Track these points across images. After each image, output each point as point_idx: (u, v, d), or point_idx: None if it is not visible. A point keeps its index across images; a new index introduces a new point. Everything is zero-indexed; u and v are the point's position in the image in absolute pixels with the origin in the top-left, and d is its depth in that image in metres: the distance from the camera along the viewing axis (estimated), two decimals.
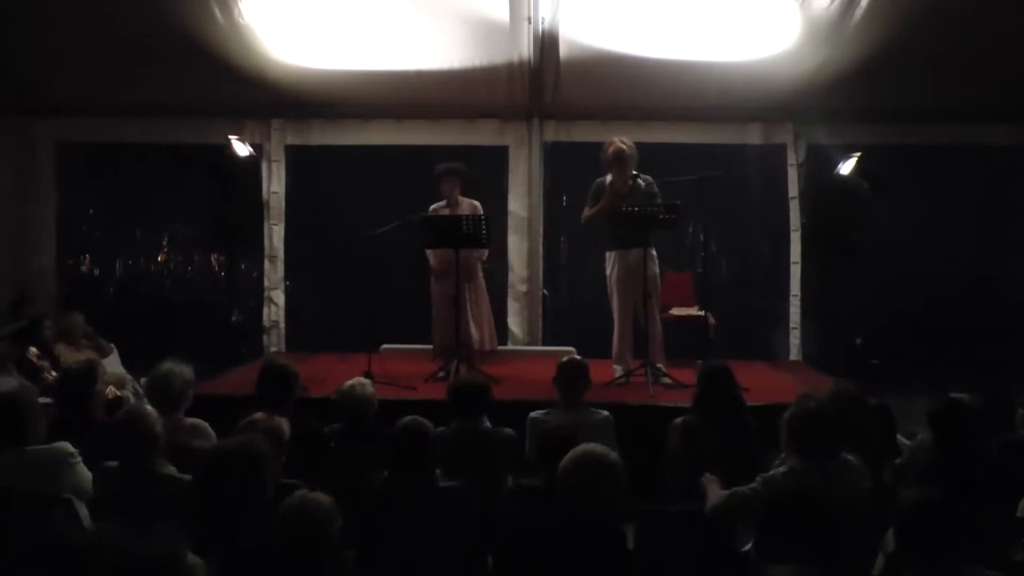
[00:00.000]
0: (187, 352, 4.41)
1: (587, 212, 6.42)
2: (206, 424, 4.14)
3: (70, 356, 6.08)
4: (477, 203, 6.67)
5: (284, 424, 3.63)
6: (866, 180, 7.65)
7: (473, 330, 6.70)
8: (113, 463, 3.50)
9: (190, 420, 4.16)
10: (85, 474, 3.57)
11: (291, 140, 8.23)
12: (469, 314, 6.65)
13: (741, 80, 7.30)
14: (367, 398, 4.38)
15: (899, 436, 4.16)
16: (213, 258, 8.48)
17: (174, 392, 4.13)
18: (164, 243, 8.51)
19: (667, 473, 4.15)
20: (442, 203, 6.64)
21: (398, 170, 8.07)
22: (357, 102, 7.87)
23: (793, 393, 4.17)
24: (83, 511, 3.33)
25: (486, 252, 6.83)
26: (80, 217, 8.44)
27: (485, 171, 8.06)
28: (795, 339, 7.99)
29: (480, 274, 6.86)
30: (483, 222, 6.10)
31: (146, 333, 7.48)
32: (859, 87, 7.13)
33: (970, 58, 6.82)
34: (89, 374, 4.25)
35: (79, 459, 3.59)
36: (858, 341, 7.81)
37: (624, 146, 6.28)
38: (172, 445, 3.61)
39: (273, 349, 8.12)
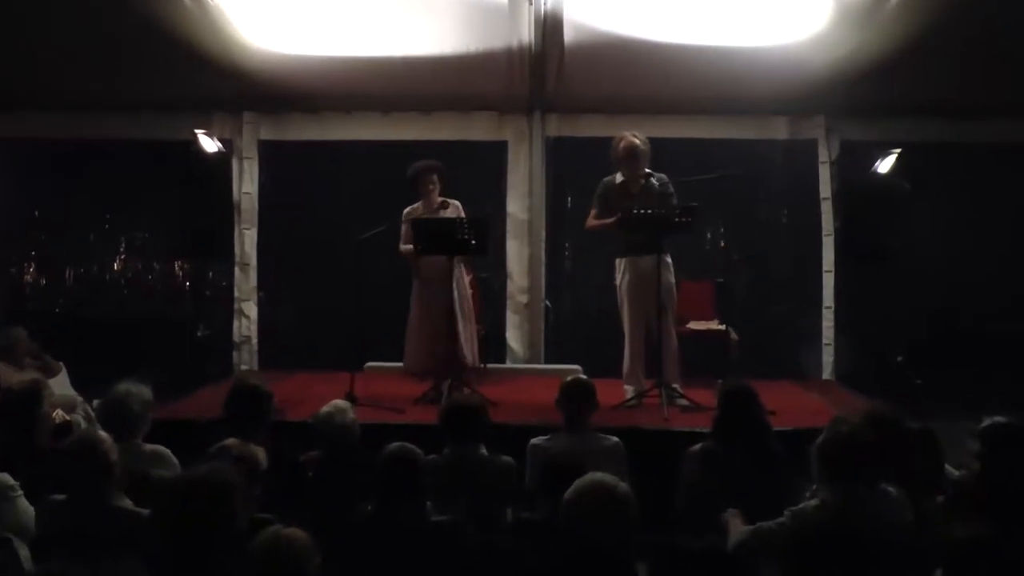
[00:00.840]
0: (146, 371, 4.41)
1: (592, 219, 6.43)
2: (167, 451, 4.12)
3: (12, 376, 6.03)
4: (458, 203, 6.67)
5: (259, 452, 3.61)
6: (906, 180, 7.65)
7: (464, 346, 6.66)
8: (60, 496, 3.47)
9: (149, 447, 4.14)
10: (27, 509, 3.54)
11: (265, 135, 8.24)
12: (460, 327, 6.61)
13: (766, 68, 7.31)
14: (349, 423, 4.37)
15: (946, 465, 4.13)
16: (177, 266, 8.48)
17: (131, 415, 4.11)
18: (121, 249, 8.51)
19: (684, 506, 4.13)
20: (416, 206, 6.64)
21: (385, 168, 8.03)
22: (339, 93, 7.89)
23: (825, 416, 4.17)
24: (24, 551, 3.30)
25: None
26: (24, 220, 8.44)
27: (481, 170, 8.09)
28: (827, 356, 7.98)
29: (466, 280, 6.85)
30: (480, 226, 6.10)
31: (100, 350, 7.43)
32: (898, 76, 7.13)
33: (1022, 47, 6.83)
34: (33, 396, 4.22)
35: (20, 492, 3.57)
36: (899, 358, 7.80)
37: (637, 141, 6.28)
38: (129, 475, 3.59)
39: (244, 367, 8.12)
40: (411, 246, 6.41)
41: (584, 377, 4.87)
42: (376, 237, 6.33)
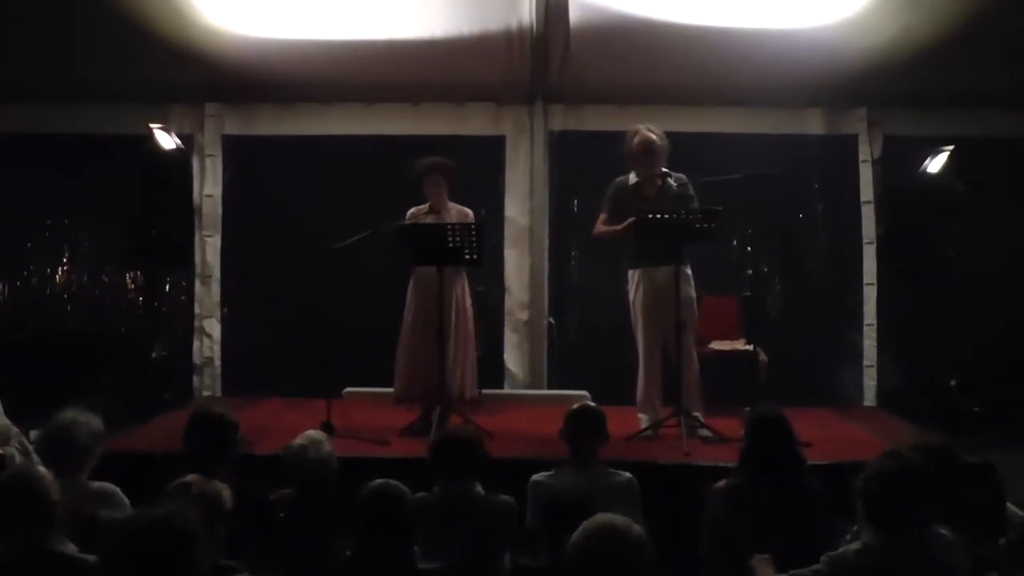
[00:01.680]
0: (94, 398, 4.38)
1: (601, 224, 6.43)
2: (117, 489, 4.10)
3: None
4: (469, 211, 6.65)
5: (222, 490, 3.60)
6: (959, 180, 7.66)
7: (461, 371, 6.63)
8: None
9: (97, 484, 4.11)
10: None
11: (230, 129, 8.27)
12: (452, 349, 6.57)
13: (799, 54, 7.33)
14: (325, 456, 4.34)
15: (1008, 504, 4.11)
16: (128, 278, 8.48)
17: (76, 448, 4.08)
18: (64, 259, 8.50)
19: (706, 550, 4.12)
20: (423, 208, 6.62)
21: (367, 167, 8.09)
22: (315, 82, 7.90)
23: (868, 448, 4.16)
24: None
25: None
26: None
27: (476, 168, 8.07)
28: (870, 379, 7.99)
29: (468, 296, 6.80)
30: (473, 232, 6.09)
31: (39, 373, 7.45)
32: (950, 63, 7.15)
33: None
34: None
35: None
36: (952, 382, 7.79)
37: (652, 136, 6.28)
38: (73, 516, 3.56)
39: (206, 393, 8.12)
40: None
41: (592, 404, 4.86)
42: (357, 245, 6.32)
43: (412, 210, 6.62)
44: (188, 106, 8.20)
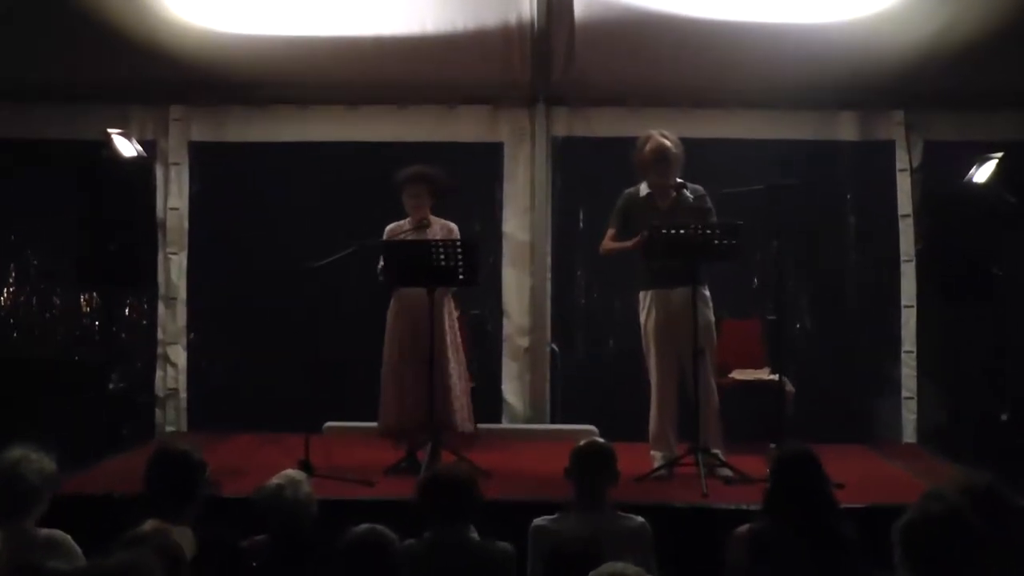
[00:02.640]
0: (43, 434, 4.35)
1: (609, 241, 6.44)
2: (67, 537, 4.07)
3: None
4: (453, 225, 6.62)
5: (186, 536, 3.57)
6: (1009, 191, 7.65)
7: (454, 403, 6.58)
8: None
9: (44, 532, 4.09)
10: None
11: (198, 135, 8.28)
12: (442, 378, 6.54)
13: (829, 51, 7.36)
14: (303, 498, 4.33)
15: None
16: (83, 299, 8.45)
17: (24, 491, 4.05)
18: (10, 279, 8.46)
19: None
20: (402, 223, 6.60)
21: (350, 176, 8.10)
22: (292, 82, 7.93)
23: (908, 490, 4.14)
24: None
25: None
26: None
27: (470, 178, 8.09)
28: (909, 412, 7.97)
29: (455, 319, 6.78)
30: (459, 249, 6.06)
31: None
32: (998, 61, 7.18)
33: None
34: None
35: None
36: (1003, 416, 7.76)
37: (667, 143, 6.29)
38: (17, 569, 3.54)
39: (170, 429, 8.10)
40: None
41: (601, 440, 4.83)
42: (340, 264, 6.31)
43: (390, 226, 6.58)
44: (150, 109, 8.21)
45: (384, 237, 6.50)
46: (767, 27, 7.33)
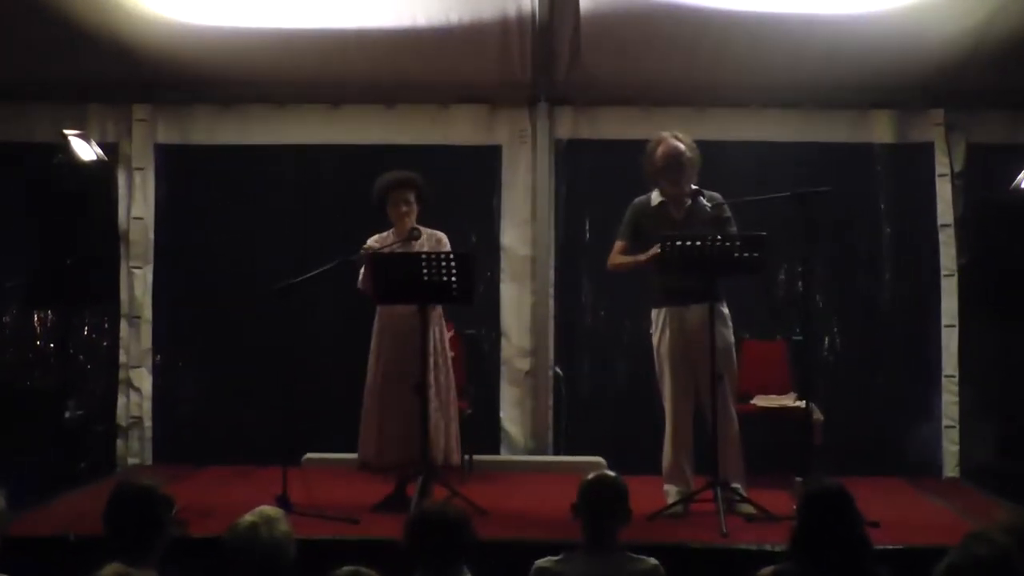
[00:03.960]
0: None
1: (618, 255, 6.44)
2: None
3: None
4: (443, 236, 6.65)
5: None
6: None
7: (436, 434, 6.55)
8: None
9: None
10: None
11: (164, 137, 8.29)
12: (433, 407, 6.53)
13: (861, 44, 7.38)
14: (281, 538, 4.33)
15: None
16: (36, 318, 8.44)
17: None
18: None
19: None
20: (385, 235, 6.62)
21: (332, 183, 8.12)
22: (268, 79, 7.96)
23: (950, 530, 4.14)
24: None
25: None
26: None
27: (465, 185, 8.12)
28: (951, 443, 7.95)
29: (447, 339, 6.79)
30: (452, 262, 6.07)
31: None
32: None
33: None
34: None
35: None
36: None
37: (680, 146, 6.31)
38: None
39: (133, 462, 8.09)
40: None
41: (610, 473, 4.84)
42: (320, 280, 6.33)
43: (373, 239, 6.60)
44: (111, 108, 8.23)
45: (364, 250, 6.50)
46: (793, 18, 7.33)
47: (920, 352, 8.09)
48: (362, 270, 6.49)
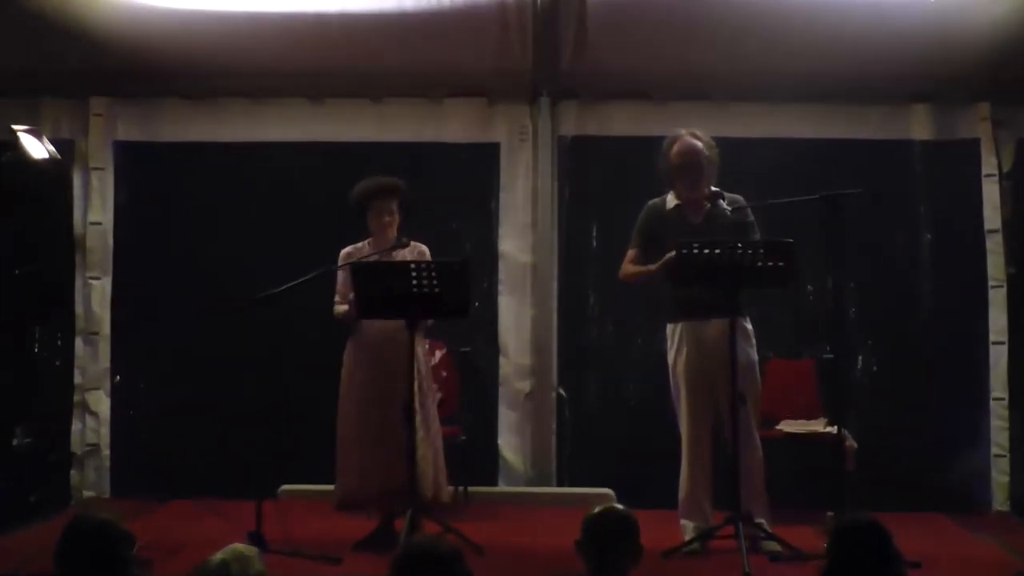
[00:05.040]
0: None
1: (631, 263, 6.44)
2: None
3: None
4: (424, 248, 6.62)
5: None
6: None
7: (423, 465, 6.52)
8: None
9: None
10: None
11: (125, 134, 8.32)
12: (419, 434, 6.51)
13: (898, 30, 7.39)
14: None
15: None
16: None
17: None
18: None
19: None
20: (362, 245, 6.61)
21: (312, 186, 8.12)
22: (242, 70, 7.97)
23: (999, 570, 4.13)
24: None
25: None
26: None
27: (459, 187, 8.13)
28: (1000, 473, 7.94)
29: (428, 363, 6.76)
30: (433, 272, 6.04)
31: None
32: None
33: None
34: None
35: None
36: None
37: (698, 144, 6.32)
38: None
39: (89, 494, 8.09)
40: (346, 307, 6.39)
41: (620, 507, 4.84)
42: (298, 292, 6.33)
43: (347, 250, 6.60)
44: (66, 101, 8.25)
45: (339, 262, 6.53)
46: (822, 4, 7.36)
47: (965, 372, 8.06)
48: (338, 290, 6.49)
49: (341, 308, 6.52)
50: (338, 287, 6.58)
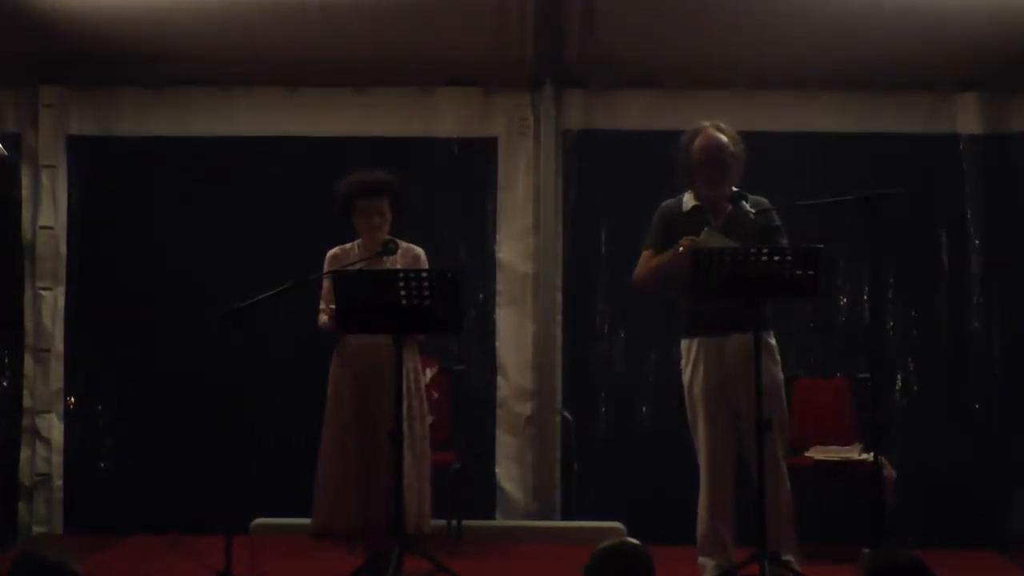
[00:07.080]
0: None
1: (646, 263, 6.44)
2: None
3: None
4: (420, 251, 6.65)
5: None
6: None
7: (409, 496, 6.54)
8: None
9: None
10: None
11: (79, 127, 8.35)
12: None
13: (942, 11, 7.43)
14: None
15: None
16: None
17: None
18: None
19: None
20: (350, 246, 6.63)
21: (288, 185, 8.16)
22: (210, 55, 7.99)
23: None
24: None
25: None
26: None
27: (453, 186, 8.17)
28: None
29: (422, 380, 6.79)
30: (424, 281, 6.07)
31: None
32: None
33: None
34: None
35: None
36: None
37: (722, 138, 6.31)
38: None
39: (39, 529, 8.10)
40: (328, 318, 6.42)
41: (631, 541, 4.88)
42: (271, 305, 6.37)
43: (333, 252, 6.61)
44: (12, 91, 8.28)
45: (325, 269, 6.53)
46: None
47: (1018, 394, 8.06)
48: (323, 299, 6.51)
49: (325, 317, 6.54)
50: (323, 294, 6.54)
